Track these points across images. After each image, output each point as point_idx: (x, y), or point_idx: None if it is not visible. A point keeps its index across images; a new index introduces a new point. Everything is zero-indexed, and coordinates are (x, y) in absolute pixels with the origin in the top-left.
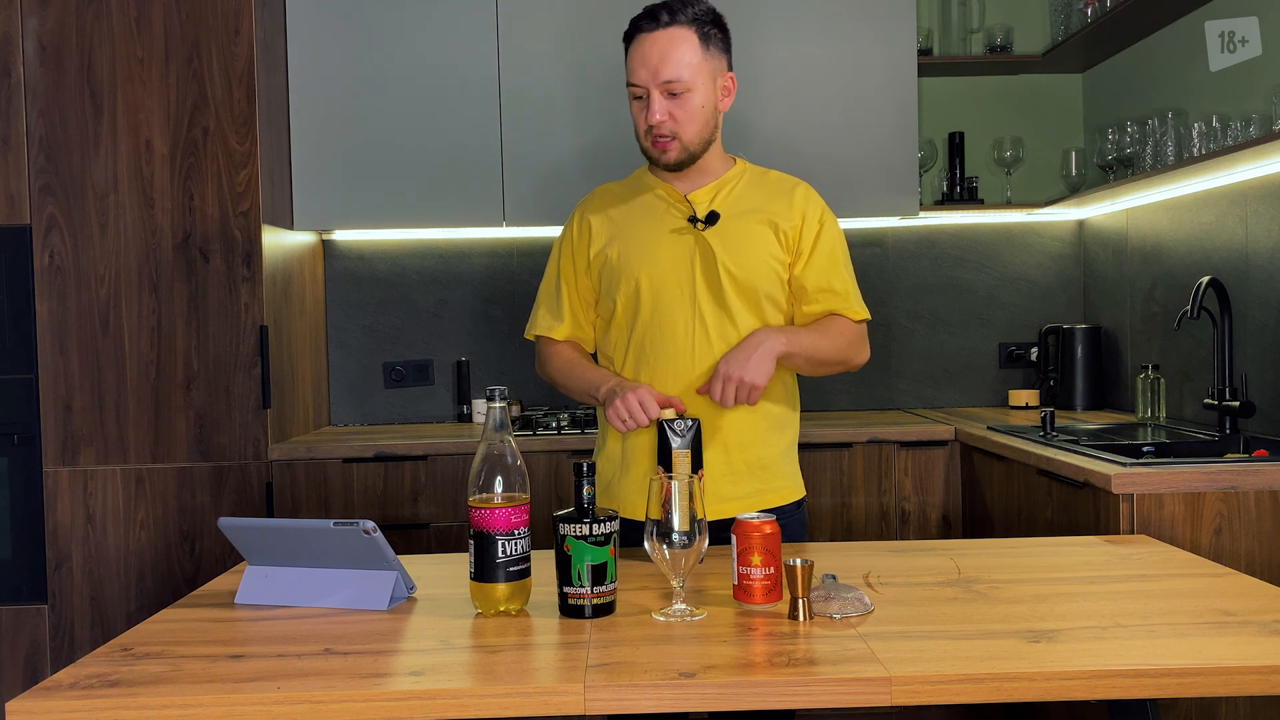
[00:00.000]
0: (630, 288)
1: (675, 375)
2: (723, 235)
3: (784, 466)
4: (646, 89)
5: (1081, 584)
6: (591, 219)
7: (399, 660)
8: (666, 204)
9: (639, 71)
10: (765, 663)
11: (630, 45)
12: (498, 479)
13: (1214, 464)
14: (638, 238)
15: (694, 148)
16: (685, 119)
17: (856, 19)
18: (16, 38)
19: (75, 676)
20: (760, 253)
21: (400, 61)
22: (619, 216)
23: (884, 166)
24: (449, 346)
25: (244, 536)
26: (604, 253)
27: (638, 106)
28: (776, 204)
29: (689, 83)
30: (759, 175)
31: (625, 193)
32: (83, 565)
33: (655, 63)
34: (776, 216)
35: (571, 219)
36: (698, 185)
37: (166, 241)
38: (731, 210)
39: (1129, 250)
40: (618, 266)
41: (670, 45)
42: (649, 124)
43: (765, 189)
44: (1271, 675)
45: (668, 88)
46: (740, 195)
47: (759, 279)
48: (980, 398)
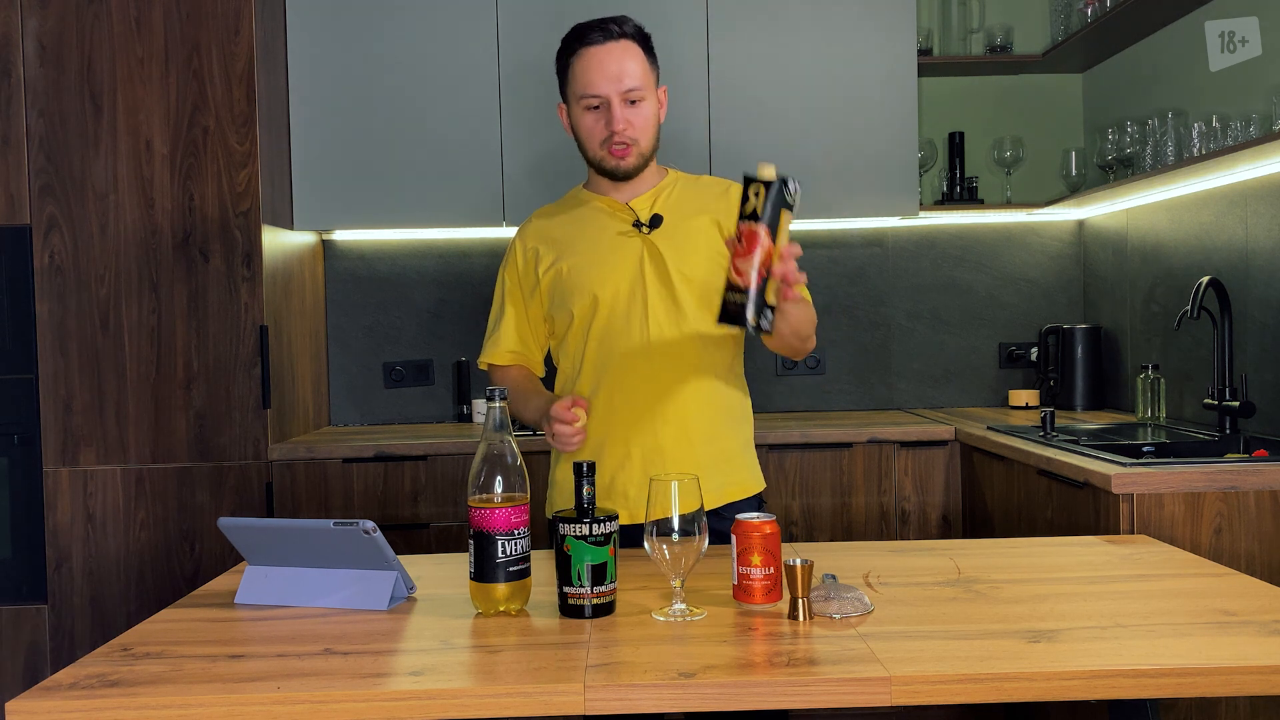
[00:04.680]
0: (586, 298)
1: (634, 375)
2: (669, 237)
3: (745, 459)
4: (607, 98)
5: (1081, 584)
6: (534, 242)
7: (399, 660)
8: (608, 213)
9: (598, 83)
10: (765, 663)
11: (575, 59)
12: (498, 479)
13: (1214, 464)
14: (586, 249)
15: (647, 155)
16: (642, 127)
17: (856, 19)
18: (16, 38)
19: (75, 676)
20: (707, 250)
21: (400, 61)
22: (562, 233)
23: (884, 166)
24: (449, 346)
25: (244, 536)
26: (554, 268)
27: (594, 118)
28: (715, 203)
29: (643, 92)
30: (692, 181)
31: (564, 210)
32: (83, 565)
33: (615, 72)
34: (718, 214)
35: (514, 246)
36: (637, 193)
37: (166, 241)
38: (674, 213)
39: (1129, 250)
40: (570, 279)
41: (625, 56)
42: (611, 131)
43: (700, 191)
44: (1271, 675)
45: (627, 96)
46: (679, 199)
47: (709, 275)
48: (980, 398)
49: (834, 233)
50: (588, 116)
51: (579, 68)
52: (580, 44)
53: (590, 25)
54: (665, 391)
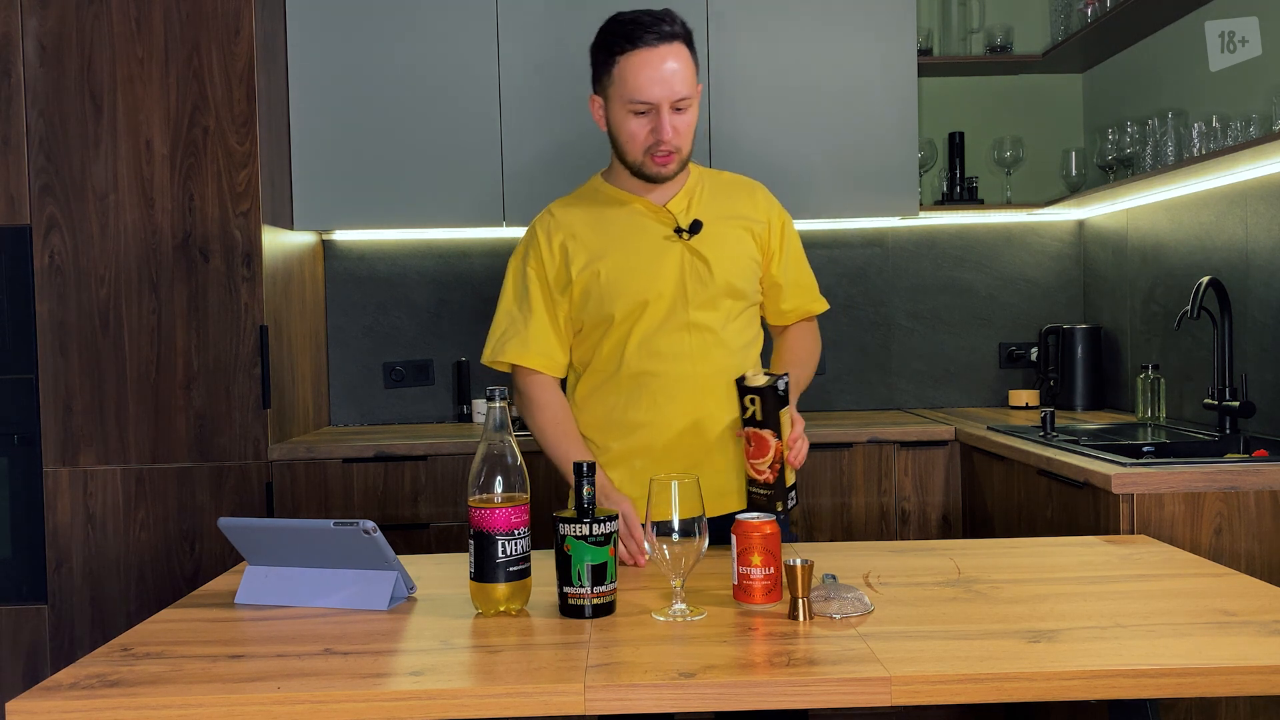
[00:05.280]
0: (629, 303)
1: (677, 383)
2: (708, 242)
3: None
4: (657, 106)
5: (1081, 584)
6: (561, 237)
7: (399, 660)
8: (647, 217)
9: (651, 89)
10: (765, 663)
11: (624, 59)
12: (498, 479)
13: (1214, 464)
14: (628, 253)
15: (686, 160)
16: (686, 133)
17: (856, 19)
18: (16, 38)
19: (75, 676)
20: (742, 256)
21: (400, 61)
22: (596, 233)
23: (884, 166)
24: (449, 346)
25: (244, 536)
26: (590, 270)
27: (640, 123)
28: (743, 206)
29: (691, 99)
30: (714, 177)
31: (592, 208)
32: (83, 565)
33: (670, 80)
34: (748, 219)
35: (535, 239)
36: (669, 195)
37: (166, 241)
38: (707, 216)
39: (1129, 250)
40: (611, 282)
41: (676, 61)
42: (659, 139)
43: (728, 192)
44: (1271, 675)
45: (677, 105)
46: (709, 201)
47: (745, 281)
48: (980, 398)
49: (834, 233)
50: (632, 120)
51: (628, 69)
52: (630, 44)
53: (640, 22)
54: (705, 396)
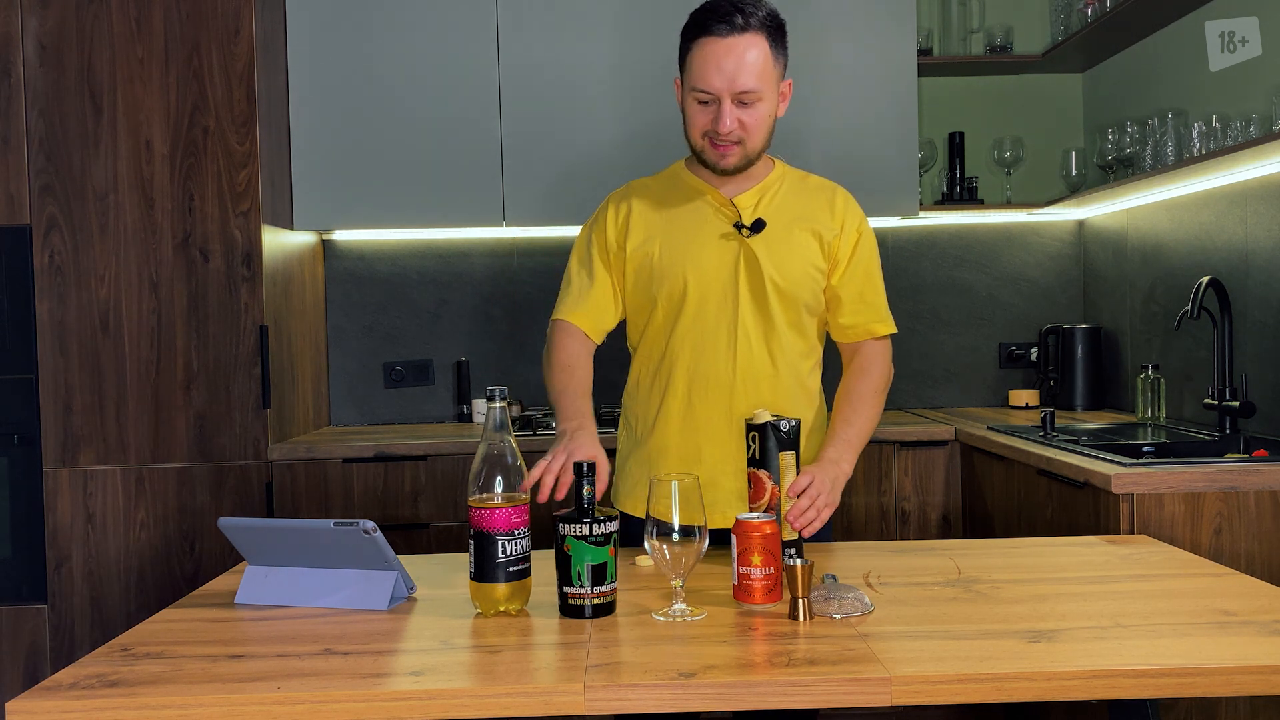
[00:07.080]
0: (673, 289)
1: (713, 380)
2: (768, 243)
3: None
4: (718, 96)
5: (1081, 584)
6: (629, 213)
7: (399, 660)
8: (712, 208)
9: (712, 79)
10: (765, 663)
11: (696, 45)
12: (498, 479)
13: (1214, 464)
14: (682, 239)
15: (754, 155)
16: (753, 127)
17: (856, 19)
18: (16, 38)
19: (75, 676)
20: (803, 262)
21: (400, 61)
22: (659, 214)
23: (884, 166)
24: (449, 346)
25: (244, 536)
26: (644, 249)
27: (700, 110)
28: (818, 212)
29: (761, 92)
30: (799, 179)
31: (664, 190)
32: (83, 565)
33: (731, 72)
34: (819, 225)
35: (605, 209)
36: (741, 189)
37: (166, 241)
38: (776, 217)
39: (1129, 250)
40: (660, 266)
41: (745, 53)
42: (716, 130)
43: (806, 195)
44: (1271, 675)
45: (741, 97)
46: (783, 201)
47: (801, 288)
48: (980, 398)
49: None
50: (696, 108)
51: (697, 57)
52: (702, 32)
53: (715, 10)
54: (744, 399)
